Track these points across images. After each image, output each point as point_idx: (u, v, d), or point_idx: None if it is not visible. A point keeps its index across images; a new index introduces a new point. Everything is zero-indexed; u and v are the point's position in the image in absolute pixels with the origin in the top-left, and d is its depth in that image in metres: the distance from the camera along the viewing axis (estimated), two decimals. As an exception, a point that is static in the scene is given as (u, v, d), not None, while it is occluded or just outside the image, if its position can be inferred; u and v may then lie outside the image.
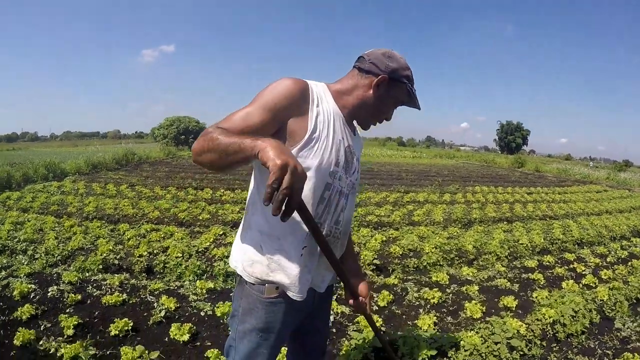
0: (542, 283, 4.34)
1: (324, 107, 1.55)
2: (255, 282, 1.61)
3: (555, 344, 3.06)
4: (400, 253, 5.36)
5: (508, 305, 3.68)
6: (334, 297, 3.98)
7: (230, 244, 5.52)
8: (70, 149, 29.45)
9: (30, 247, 5.30)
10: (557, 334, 3.14)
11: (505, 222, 8.01)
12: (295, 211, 1.20)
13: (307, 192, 1.49)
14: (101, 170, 14.25)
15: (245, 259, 1.63)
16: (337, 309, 3.63)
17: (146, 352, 2.89)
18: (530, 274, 4.61)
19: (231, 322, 1.76)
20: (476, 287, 4.09)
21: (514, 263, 5.26)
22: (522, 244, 6.00)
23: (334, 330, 3.33)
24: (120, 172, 13.83)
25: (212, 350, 2.86)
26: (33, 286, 3.96)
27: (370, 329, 2.32)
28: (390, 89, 1.60)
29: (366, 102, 1.60)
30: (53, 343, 3.03)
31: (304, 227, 1.44)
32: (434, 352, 2.75)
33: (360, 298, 1.79)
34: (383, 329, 3.28)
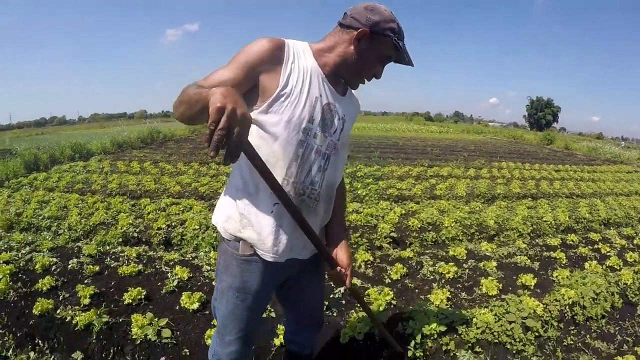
0: (563, 262, 4.11)
1: (301, 64, 1.51)
2: (230, 238, 1.62)
3: (573, 327, 2.87)
4: (419, 226, 5.20)
5: (526, 284, 3.49)
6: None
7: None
8: (97, 131, 29.88)
9: (54, 223, 5.46)
10: (575, 317, 2.94)
11: (529, 199, 7.70)
12: (238, 159, 1.20)
13: (277, 148, 1.48)
14: (126, 149, 14.40)
15: (222, 215, 1.65)
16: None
17: (155, 319, 2.89)
18: (552, 252, 4.37)
19: (215, 280, 1.78)
20: (494, 264, 3.91)
21: (537, 241, 5.03)
22: (546, 221, 5.73)
23: (343, 302, 3.22)
24: (144, 150, 13.95)
25: None
26: (54, 259, 4.05)
27: (360, 305, 2.18)
28: (372, 43, 1.51)
29: (348, 59, 1.53)
30: (69, 311, 3.08)
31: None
32: (443, 328, 2.61)
33: (339, 268, 1.71)
34: (394, 302, 3.15)
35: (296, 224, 1.52)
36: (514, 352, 2.57)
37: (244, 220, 1.57)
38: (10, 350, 2.91)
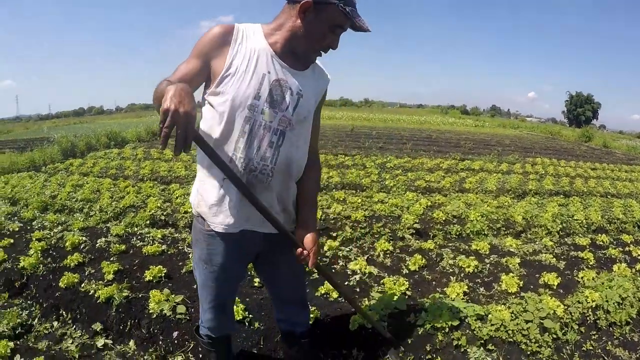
0: (591, 263, 3.87)
1: (248, 45, 1.55)
2: (196, 213, 1.73)
3: (594, 332, 2.68)
4: (444, 219, 5.05)
5: (548, 283, 3.30)
6: (365, 257, 3.81)
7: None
8: (133, 120, 30.66)
9: (86, 205, 5.70)
10: (598, 321, 2.74)
11: (562, 196, 7.34)
12: (189, 149, 1.33)
13: (225, 126, 1.54)
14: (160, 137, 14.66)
15: (192, 192, 1.78)
16: (365, 269, 3.46)
17: (172, 295, 2.97)
18: (579, 252, 4.13)
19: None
20: (517, 260, 3.73)
21: (565, 239, 4.77)
22: (576, 220, 5.45)
23: (358, 289, 3.16)
24: None
25: None
26: (84, 238, 4.22)
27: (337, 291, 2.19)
28: (318, 14, 1.49)
29: (296, 32, 1.53)
30: (93, 286, 3.21)
31: (225, 159, 1.50)
32: (456, 323, 2.50)
33: (300, 249, 1.70)
34: (409, 293, 3.06)
35: (241, 198, 1.57)
36: (529, 353, 2.43)
37: (199, 195, 1.69)
38: (36, 320, 3.08)
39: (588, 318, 2.78)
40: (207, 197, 1.64)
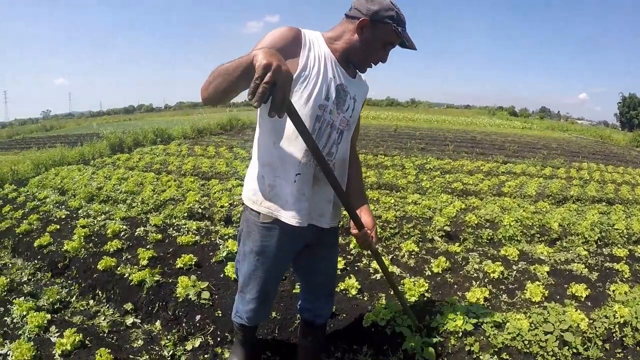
0: (626, 276, 3.58)
1: (316, 50, 1.64)
2: (254, 207, 1.76)
3: (619, 350, 2.47)
4: (476, 222, 4.87)
5: (576, 294, 3.09)
6: (389, 257, 3.75)
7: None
8: (181, 117, 31.50)
9: (129, 197, 5.92)
10: (624, 338, 2.53)
11: (604, 204, 6.88)
12: (286, 112, 1.31)
13: None
14: (205, 135, 15.08)
15: (249, 188, 1.80)
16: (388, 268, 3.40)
17: (198, 282, 3.08)
18: (615, 263, 3.84)
19: (238, 243, 1.97)
20: (547, 268, 3.53)
21: (602, 250, 4.49)
22: (617, 229, 5.08)
23: (377, 287, 3.13)
24: (222, 136, 14.55)
25: None
26: (124, 227, 4.45)
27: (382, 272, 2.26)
28: (374, 31, 1.63)
29: (354, 46, 1.66)
30: (128, 269, 3.39)
31: (297, 156, 1.63)
32: (470, 327, 2.42)
33: (365, 229, 1.81)
34: (428, 295, 2.98)
35: (314, 191, 1.70)
36: (545, 365, 2.32)
37: (271, 192, 1.70)
38: (74, 297, 3.30)
39: (614, 335, 2.59)
40: (283, 191, 1.68)
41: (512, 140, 18.06)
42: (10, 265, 4.07)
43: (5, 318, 2.89)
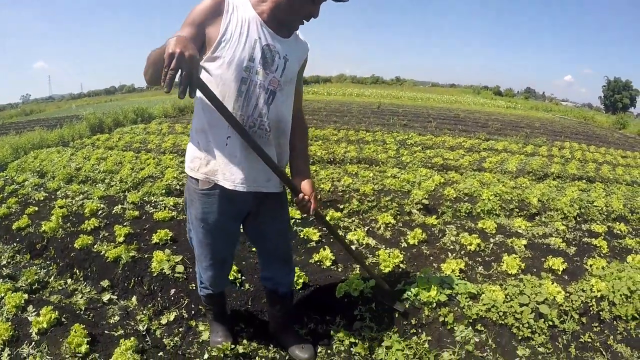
0: (604, 252, 3.55)
1: (239, 14, 1.64)
2: (193, 174, 1.77)
3: (596, 324, 2.42)
4: (454, 196, 4.80)
5: (553, 267, 3.03)
6: (365, 229, 3.64)
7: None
8: (163, 97, 30.80)
9: (108, 177, 5.92)
10: (601, 312, 2.47)
11: (584, 181, 6.91)
12: (196, 93, 1.44)
13: (223, 87, 1.62)
14: (187, 114, 14.81)
15: (187, 156, 1.81)
16: (363, 240, 3.31)
17: (173, 256, 3.06)
18: (593, 239, 3.80)
19: (185, 214, 1.98)
20: (524, 242, 3.47)
21: (581, 226, 4.45)
22: (596, 206, 5.08)
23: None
24: None
25: None
26: (102, 206, 4.42)
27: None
28: None
29: (280, 3, 1.64)
30: (104, 247, 3.38)
31: (224, 120, 1.57)
32: (444, 298, 2.34)
33: (302, 195, 1.80)
34: (403, 266, 2.90)
35: (251, 154, 1.66)
36: (520, 338, 2.25)
37: (205, 157, 1.72)
38: (52, 277, 3.28)
39: (591, 308, 2.54)
40: (218, 158, 1.69)
41: (495, 119, 18.11)
42: None
43: None
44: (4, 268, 3.48)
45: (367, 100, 26.73)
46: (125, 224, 3.83)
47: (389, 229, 3.71)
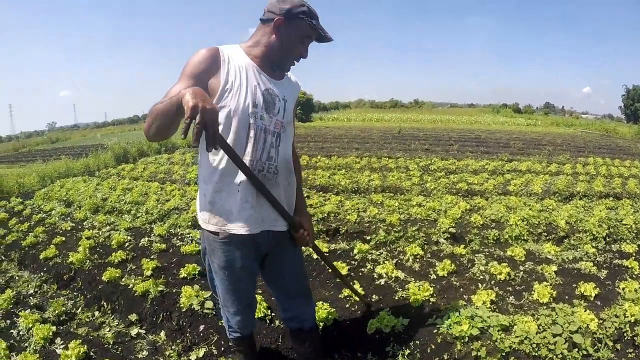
0: (636, 273, 3.49)
1: (235, 62, 1.69)
2: (206, 226, 1.79)
3: (631, 350, 2.39)
4: (481, 223, 4.81)
5: (585, 293, 3.01)
6: (393, 261, 3.69)
7: (311, 205, 5.46)
8: None
9: (134, 208, 5.94)
10: (635, 337, 2.45)
11: (612, 198, 6.78)
12: (220, 147, 1.50)
13: (232, 135, 1.65)
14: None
15: (198, 207, 1.84)
16: (392, 273, 3.35)
17: (202, 291, 3.08)
18: (624, 260, 3.76)
19: (204, 261, 1.99)
20: (554, 268, 3.46)
21: (611, 246, 4.39)
22: (625, 224, 4.99)
23: (380, 296, 3.07)
24: None
25: (256, 296, 2.85)
26: (129, 237, 4.47)
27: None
28: (289, 28, 1.69)
29: (272, 47, 1.72)
30: (132, 280, 3.39)
31: (235, 166, 1.62)
32: (475, 332, 2.36)
33: (301, 230, 1.89)
34: (433, 300, 2.92)
35: (261, 196, 1.71)
36: (555, 368, 2.26)
37: (216, 207, 1.74)
38: (80, 309, 3.32)
39: (625, 334, 2.52)
40: (229, 205, 1.71)
41: (516, 138, 17.94)
42: (16, 277, 4.10)
43: (12, 330, 2.92)
44: (31, 297, 3.57)
45: (387, 125, 26.91)
46: (152, 257, 3.89)
47: (418, 260, 3.75)
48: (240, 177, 1.67)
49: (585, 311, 2.61)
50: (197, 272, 3.45)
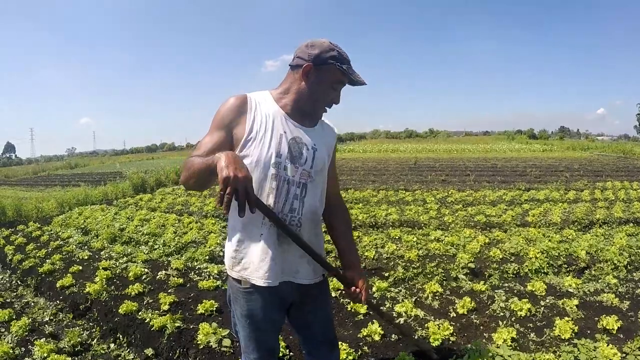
0: None
1: (263, 110, 1.65)
2: (230, 273, 1.75)
3: None
4: (500, 257, 4.80)
5: (607, 327, 2.99)
6: (413, 299, 3.71)
7: (328, 240, 5.52)
8: None
9: (151, 239, 5.97)
10: None
11: (632, 224, 6.66)
12: (255, 208, 1.44)
13: (255, 185, 1.56)
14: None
15: (225, 254, 1.79)
16: (411, 311, 3.38)
17: (219, 329, 3.11)
18: (647, 290, 3.75)
19: (229, 306, 1.94)
20: (575, 302, 3.45)
21: (633, 275, 4.35)
22: (647, 252, 4.94)
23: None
24: None
25: None
26: (146, 270, 4.52)
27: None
28: (319, 74, 1.63)
29: (303, 94, 1.66)
30: (149, 314, 3.43)
31: (259, 217, 1.60)
32: (499, 374, 2.39)
33: (353, 288, 1.82)
34: (453, 339, 2.94)
35: (282, 248, 1.66)
36: (579, 406, 2.26)
37: (238, 255, 1.70)
38: (95, 340, 3.36)
39: (649, 368, 2.52)
40: (250, 255, 1.68)
41: (533, 165, 17.82)
42: (32, 304, 4.19)
43: (27, 359, 2.97)
44: (46, 325, 3.60)
45: (403, 155, 27.02)
46: (169, 290, 3.92)
47: (437, 298, 3.77)
48: (262, 228, 1.64)
49: (607, 345, 2.62)
50: (214, 309, 3.48)
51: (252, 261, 1.67)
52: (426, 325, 3.09)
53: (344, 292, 1.90)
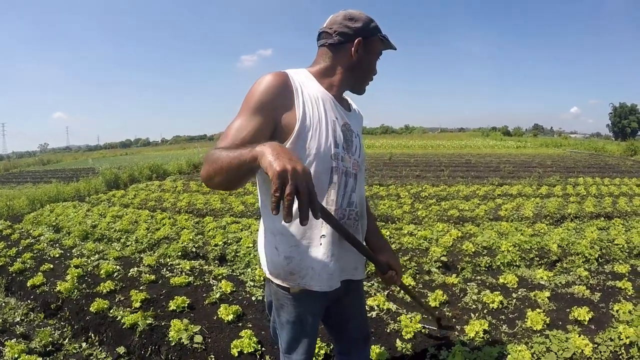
0: (629, 294, 3.54)
1: (310, 92, 1.46)
2: (277, 282, 1.56)
3: None
4: (473, 251, 4.83)
5: (579, 318, 3.03)
6: (385, 293, 3.69)
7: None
8: (177, 152, 31.66)
9: (124, 236, 5.90)
10: None
11: (602, 219, 6.86)
12: (320, 212, 1.15)
13: (314, 181, 1.18)
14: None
15: (266, 261, 1.58)
16: (383, 305, 3.35)
17: (190, 325, 3.08)
18: (617, 281, 3.80)
19: (268, 311, 1.82)
20: (547, 294, 3.49)
21: (604, 267, 4.44)
22: (617, 244, 5.05)
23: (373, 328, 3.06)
24: None
25: (246, 331, 2.91)
26: (118, 267, 4.43)
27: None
28: (367, 47, 1.54)
29: (353, 70, 1.55)
30: (121, 312, 3.38)
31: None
32: (470, 367, 2.37)
33: (391, 272, 1.73)
34: (425, 331, 2.92)
35: (344, 247, 1.52)
36: (551, 397, 2.26)
37: (291, 263, 1.50)
38: (67, 340, 3.29)
39: (621, 357, 2.55)
40: (308, 261, 1.50)
41: (507, 161, 18.21)
42: (3, 304, 4.05)
43: None
44: (17, 326, 3.52)
45: (379, 151, 27.14)
46: (141, 288, 3.88)
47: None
48: (323, 230, 1.47)
49: (579, 336, 2.64)
50: (186, 305, 3.45)
51: (311, 267, 1.50)
52: (398, 318, 3.06)
53: (381, 277, 1.77)
